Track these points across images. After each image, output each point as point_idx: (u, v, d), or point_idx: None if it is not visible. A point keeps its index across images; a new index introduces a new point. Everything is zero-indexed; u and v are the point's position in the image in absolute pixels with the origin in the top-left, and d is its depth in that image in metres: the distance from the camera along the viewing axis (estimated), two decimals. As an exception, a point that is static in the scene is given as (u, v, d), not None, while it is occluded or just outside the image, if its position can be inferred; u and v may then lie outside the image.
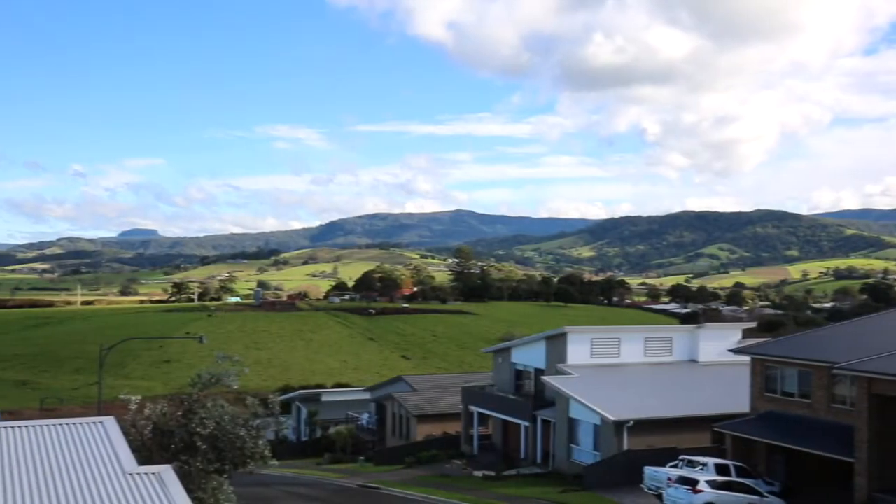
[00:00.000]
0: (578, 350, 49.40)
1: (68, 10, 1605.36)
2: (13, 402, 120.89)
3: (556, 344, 50.28)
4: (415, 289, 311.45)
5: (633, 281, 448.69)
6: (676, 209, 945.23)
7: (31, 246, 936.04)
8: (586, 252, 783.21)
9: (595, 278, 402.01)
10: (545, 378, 48.22)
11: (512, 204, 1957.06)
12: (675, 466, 36.25)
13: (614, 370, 49.34)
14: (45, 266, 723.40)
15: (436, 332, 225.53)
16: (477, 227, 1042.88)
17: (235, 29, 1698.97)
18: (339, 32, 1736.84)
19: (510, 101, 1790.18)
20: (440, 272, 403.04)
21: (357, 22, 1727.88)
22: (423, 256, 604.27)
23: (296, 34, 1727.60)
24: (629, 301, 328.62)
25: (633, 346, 51.38)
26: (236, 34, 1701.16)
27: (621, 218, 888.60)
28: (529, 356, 53.30)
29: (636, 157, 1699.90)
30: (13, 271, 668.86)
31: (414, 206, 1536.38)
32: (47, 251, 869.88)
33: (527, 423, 49.54)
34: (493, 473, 46.46)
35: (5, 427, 16.17)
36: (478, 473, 47.43)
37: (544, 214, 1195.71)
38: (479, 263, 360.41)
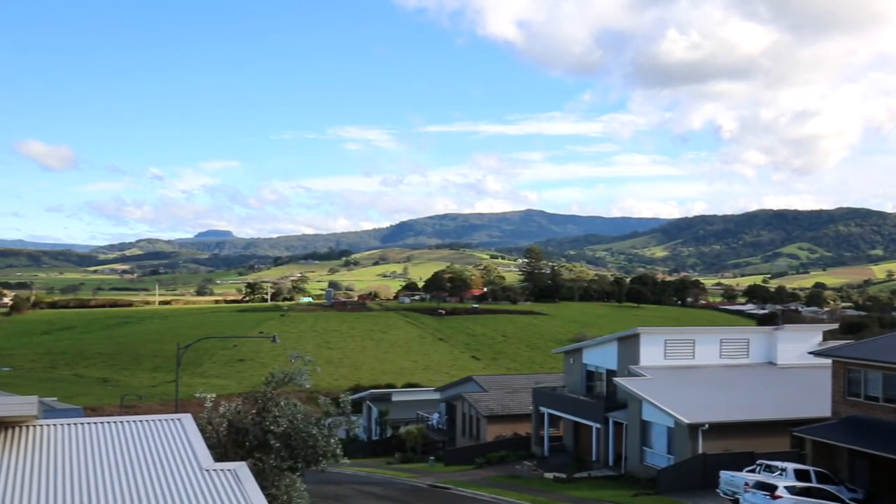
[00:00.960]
0: (651, 351, 48.55)
1: (143, 21, 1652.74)
2: (95, 399, 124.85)
3: (629, 345, 49.52)
4: (485, 289, 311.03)
5: (708, 281, 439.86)
6: (753, 208, 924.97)
7: (111, 247, 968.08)
8: (659, 252, 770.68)
9: (668, 278, 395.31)
10: (617, 379, 47.52)
11: (583, 203, 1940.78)
12: (753, 471, 35.30)
13: (689, 372, 48.32)
14: (126, 267, 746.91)
15: (506, 333, 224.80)
16: (547, 226, 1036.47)
17: (306, 32, 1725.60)
18: (409, 33, 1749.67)
19: (581, 100, 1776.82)
20: (510, 272, 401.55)
21: (426, 23, 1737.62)
22: (492, 257, 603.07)
23: (366, 36, 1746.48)
24: (704, 302, 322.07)
25: (708, 347, 50.24)
26: (307, 37, 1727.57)
27: (696, 217, 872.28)
28: (601, 357, 52.62)
29: (711, 154, 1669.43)
30: (95, 272, 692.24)
31: (484, 207, 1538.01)
32: (127, 252, 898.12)
33: (598, 425, 48.91)
34: (563, 475, 45.99)
35: (89, 423, 16.65)
36: (548, 475, 47.02)
37: (616, 214, 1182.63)
38: (550, 263, 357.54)
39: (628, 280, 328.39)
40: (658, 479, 39.50)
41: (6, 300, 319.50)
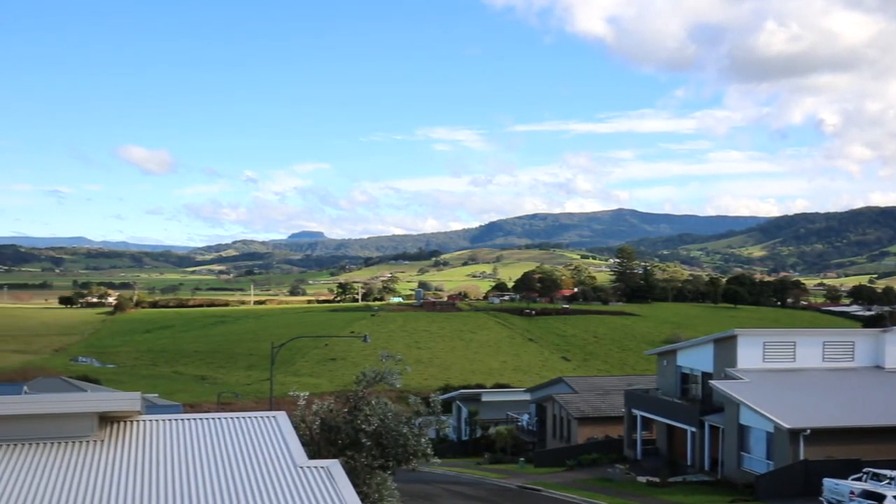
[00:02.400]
0: (749, 353, 47.00)
1: (238, 30, 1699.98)
2: (193, 396, 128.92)
3: (726, 347, 48.09)
4: (575, 289, 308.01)
5: (810, 281, 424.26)
6: (858, 205, 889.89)
7: (208, 248, 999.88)
8: (757, 251, 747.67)
9: (767, 279, 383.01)
10: (713, 382, 46.20)
11: (676, 202, 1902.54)
12: (859, 479, 33.76)
13: (789, 375, 46.59)
14: (222, 267, 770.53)
15: (597, 334, 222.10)
16: (639, 226, 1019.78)
17: (396, 33, 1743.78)
18: (497, 32, 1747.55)
19: (674, 96, 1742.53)
20: (601, 273, 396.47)
21: (514, 21, 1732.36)
22: (583, 257, 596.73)
23: (454, 36, 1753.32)
24: (805, 303, 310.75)
25: (810, 349, 48.32)
26: (395, 38, 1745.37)
27: (796, 215, 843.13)
28: (696, 359, 51.28)
29: (812, 150, 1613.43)
30: (193, 272, 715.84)
31: (574, 206, 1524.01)
32: (223, 253, 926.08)
33: (694, 429, 47.68)
34: (657, 479, 45.01)
35: (187, 419, 17.10)
36: (641, 479, 46.11)
37: (711, 212, 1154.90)
38: (642, 263, 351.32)
39: (724, 280, 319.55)
40: (756, 486, 38.27)
41: (111, 300, 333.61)
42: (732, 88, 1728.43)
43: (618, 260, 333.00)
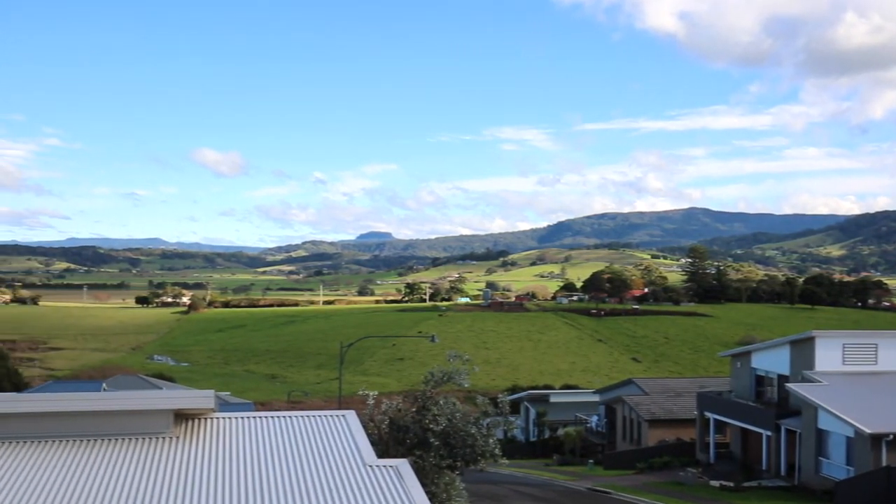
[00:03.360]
0: (828, 356, 45.54)
1: (305, 34, 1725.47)
2: (264, 395, 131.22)
3: (803, 349, 46.72)
4: (645, 290, 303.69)
5: (892, 281, 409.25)
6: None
7: (279, 249, 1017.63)
8: (836, 251, 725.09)
9: (847, 279, 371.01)
10: (790, 385, 44.93)
11: (750, 200, 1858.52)
12: (946, 488, 32.38)
13: (870, 378, 44.99)
14: (292, 268, 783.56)
15: (668, 335, 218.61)
16: (711, 225, 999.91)
17: (461, 32, 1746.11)
18: (565, 30, 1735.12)
19: (748, 92, 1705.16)
20: (672, 273, 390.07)
21: (582, 19, 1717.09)
22: (653, 256, 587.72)
23: (521, 35, 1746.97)
24: (887, 304, 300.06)
25: (892, 352, 46.54)
26: (463, 38, 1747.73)
27: (878, 213, 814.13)
28: (772, 361, 49.95)
29: (894, 145, 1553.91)
30: (264, 273, 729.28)
31: (644, 205, 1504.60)
32: (293, 254, 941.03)
33: (769, 433, 46.45)
34: (731, 484, 43.99)
35: (259, 417, 17.36)
36: (714, 483, 45.13)
37: (787, 211, 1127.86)
38: (715, 263, 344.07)
39: (801, 280, 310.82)
40: (835, 492, 37.06)
41: (185, 300, 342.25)
42: (809, 83, 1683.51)
43: (689, 260, 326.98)
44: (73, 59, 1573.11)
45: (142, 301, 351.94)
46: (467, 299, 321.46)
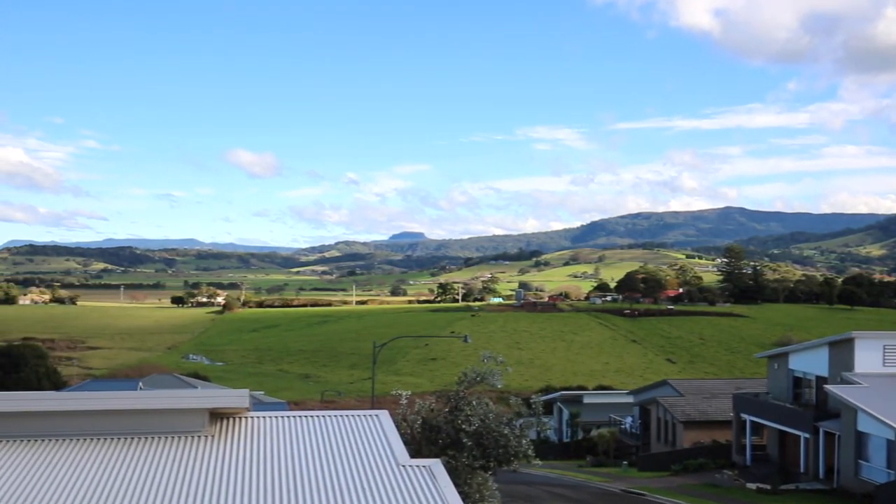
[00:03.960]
0: (868, 357, 44.71)
1: (337, 34, 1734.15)
2: (298, 394, 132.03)
3: (842, 350, 45.94)
4: (680, 290, 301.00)
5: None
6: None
7: (312, 249, 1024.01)
8: (876, 250, 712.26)
9: (887, 279, 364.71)
10: (828, 387, 44.21)
11: (788, 199, 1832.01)
12: None
13: (911, 381, 44.12)
14: (325, 268, 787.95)
15: (703, 336, 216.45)
16: (748, 224, 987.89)
17: (495, 32, 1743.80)
18: (598, 28, 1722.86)
19: (785, 89, 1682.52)
20: (707, 273, 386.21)
21: (616, 17, 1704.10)
22: (688, 256, 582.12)
23: (554, 33, 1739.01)
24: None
25: (934, 354, 45.63)
26: (496, 37, 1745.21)
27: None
28: (810, 363, 49.19)
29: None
30: (298, 273, 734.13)
31: (679, 205, 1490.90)
32: (326, 254, 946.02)
33: (807, 435, 45.76)
34: (768, 487, 43.40)
35: (293, 416, 17.44)
36: (751, 486, 44.56)
37: (826, 210, 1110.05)
38: (752, 263, 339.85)
39: (840, 280, 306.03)
40: (876, 496, 36.41)
41: (219, 300, 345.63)
42: (849, 80, 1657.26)
43: (725, 259, 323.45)
44: (110, 62, 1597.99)
45: (177, 301, 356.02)
46: (500, 299, 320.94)
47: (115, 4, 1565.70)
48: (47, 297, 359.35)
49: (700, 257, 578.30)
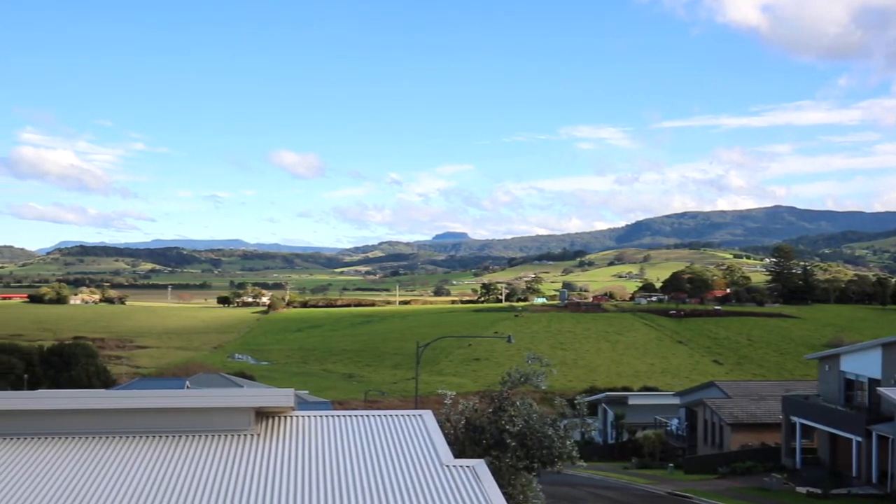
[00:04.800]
0: (923, 359, 43.64)
1: (380, 35, 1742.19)
2: (341, 394, 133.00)
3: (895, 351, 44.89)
4: (727, 290, 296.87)
5: None
6: None
7: (355, 250, 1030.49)
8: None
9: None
10: (881, 390, 43.19)
11: (839, 198, 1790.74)
12: None
13: (968, 384, 42.91)
14: (368, 268, 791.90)
15: (751, 337, 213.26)
16: (797, 223, 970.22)
17: (536, 30, 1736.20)
18: (642, 26, 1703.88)
19: (836, 86, 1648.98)
20: (756, 273, 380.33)
21: (661, 14, 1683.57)
22: (736, 256, 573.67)
23: (597, 31, 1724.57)
24: None
25: None
26: (537, 36, 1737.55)
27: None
28: (862, 364, 48.11)
29: None
30: (341, 273, 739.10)
31: (726, 204, 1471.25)
32: (370, 255, 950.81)
33: (859, 439, 44.76)
34: (819, 491, 42.54)
35: (337, 415, 17.51)
36: (801, 489, 43.74)
37: (879, 208, 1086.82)
38: (801, 263, 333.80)
39: (894, 280, 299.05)
40: (932, 502, 35.43)
41: (264, 300, 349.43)
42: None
43: (774, 259, 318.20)
44: (157, 66, 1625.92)
45: (223, 301, 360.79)
46: (543, 300, 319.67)
47: (161, 10, 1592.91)
48: (97, 297, 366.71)
49: (748, 257, 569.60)
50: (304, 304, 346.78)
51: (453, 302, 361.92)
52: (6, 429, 15.55)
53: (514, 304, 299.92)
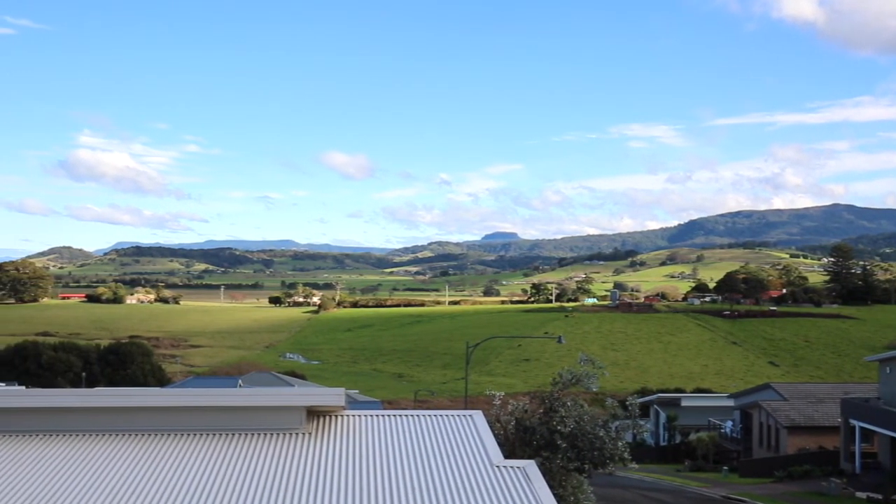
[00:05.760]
0: None
1: (427, 33, 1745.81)
2: (391, 393, 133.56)
3: (959, 354, 43.53)
4: (783, 290, 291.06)
5: None
6: None
7: (405, 250, 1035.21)
8: None
9: None
10: (945, 393, 41.96)
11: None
12: None
13: None
14: (418, 268, 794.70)
15: (808, 338, 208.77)
16: (856, 222, 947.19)
17: (588, 29, 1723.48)
18: (695, 22, 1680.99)
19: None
20: (813, 273, 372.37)
21: (714, 10, 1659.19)
22: (792, 256, 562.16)
23: (648, 28, 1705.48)
24: None
25: None
26: (589, 34, 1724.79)
27: None
28: (924, 367, 46.78)
29: None
30: (391, 273, 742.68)
31: (781, 202, 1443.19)
32: (419, 255, 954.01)
33: (922, 444, 43.53)
34: (879, 496, 41.46)
35: (387, 415, 17.56)
36: (861, 495, 42.67)
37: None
38: (861, 263, 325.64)
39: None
40: None
41: (315, 300, 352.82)
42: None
43: (832, 259, 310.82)
44: (210, 69, 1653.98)
45: (274, 301, 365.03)
46: (594, 300, 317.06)
47: (215, 14, 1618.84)
48: (152, 296, 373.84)
49: (805, 257, 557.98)
50: (355, 304, 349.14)
51: (503, 302, 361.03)
52: (66, 425, 15.92)
53: (565, 304, 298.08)
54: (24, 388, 58.14)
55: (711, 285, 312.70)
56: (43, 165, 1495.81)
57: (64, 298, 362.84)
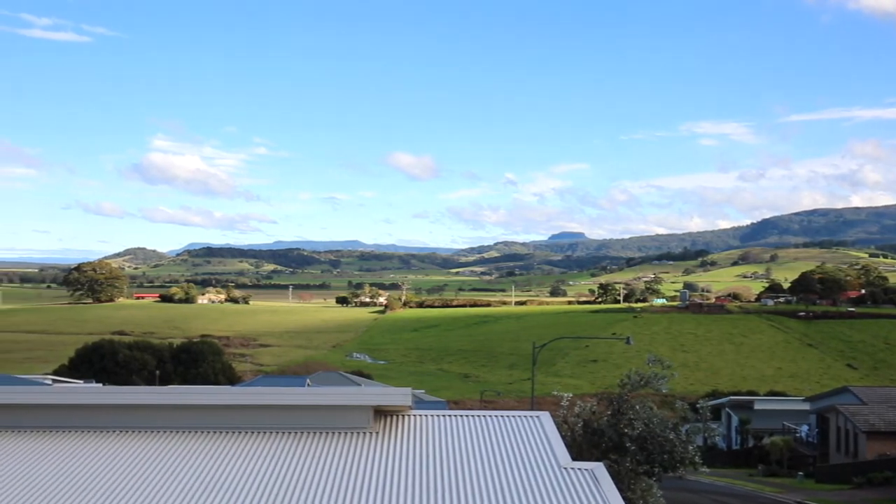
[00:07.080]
0: None
1: (491, 34, 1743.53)
2: (457, 393, 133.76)
3: None
4: (862, 291, 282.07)
5: None
6: None
7: (471, 250, 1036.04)
8: None
9: None
10: None
11: None
12: None
13: None
14: (484, 269, 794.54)
15: (889, 340, 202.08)
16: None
17: (656, 26, 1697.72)
18: (766, 15, 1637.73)
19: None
20: (893, 272, 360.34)
21: (787, 2, 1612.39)
22: (872, 255, 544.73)
23: (718, 22, 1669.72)
24: None
25: None
26: (656, 32, 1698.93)
27: None
28: None
29: None
30: (457, 273, 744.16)
31: (860, 200, 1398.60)
32: (485, 255, 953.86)
33: None
34: (966, 506, 39.80)
35: (454, 415, 17.54)
36: (946, 504, 41.01)
37: None
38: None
39: None
40: None
41: (381, 300, 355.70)
42: None
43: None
44: (280, 73, 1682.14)
45: (341, 301, 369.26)
46: (663, 300, 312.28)
47: (280, 19, 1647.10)
48: (223, 296, 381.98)
49: (885, 256, 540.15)
50: (421, 305, 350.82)
51: (570, 302, 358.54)
52: (140, 422, 16.33)
53: (633, 304, 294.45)
54: (101, 385, 60.07)
55: (786, 286, 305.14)
56: (118, 169, 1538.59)
57: (138, 298, 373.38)
